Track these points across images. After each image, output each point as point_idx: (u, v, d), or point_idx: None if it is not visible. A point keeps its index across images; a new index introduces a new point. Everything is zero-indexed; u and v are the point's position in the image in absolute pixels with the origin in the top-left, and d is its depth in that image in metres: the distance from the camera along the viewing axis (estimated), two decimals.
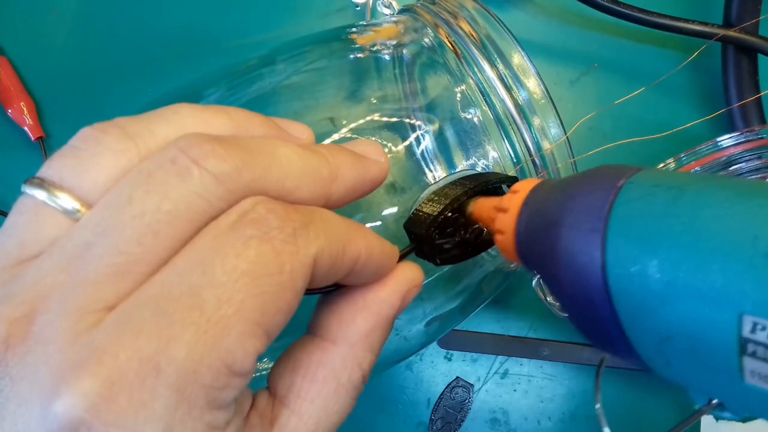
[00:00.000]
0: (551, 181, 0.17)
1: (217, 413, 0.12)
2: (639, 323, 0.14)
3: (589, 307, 0.15)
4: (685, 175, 0.14)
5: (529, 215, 0.17)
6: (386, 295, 0.16)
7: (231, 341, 0.12)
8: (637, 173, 0.15)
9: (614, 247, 0.14)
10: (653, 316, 0.13)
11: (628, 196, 0.14)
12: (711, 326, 0.12)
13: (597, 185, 0.15)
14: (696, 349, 0.13)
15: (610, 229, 0.14)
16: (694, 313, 0.12)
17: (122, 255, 0.12)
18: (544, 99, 0.22)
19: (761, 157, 0.27)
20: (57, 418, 0.11)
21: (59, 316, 0.12)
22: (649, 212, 0.14)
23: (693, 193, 0.13)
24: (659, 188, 0.14)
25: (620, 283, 0.14)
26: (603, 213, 0.14)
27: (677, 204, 0.13)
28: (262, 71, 0.24)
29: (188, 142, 0.13)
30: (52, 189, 0.13)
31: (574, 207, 0.15)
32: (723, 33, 0.31)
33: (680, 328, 0.13)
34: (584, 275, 0.14)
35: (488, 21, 0.24)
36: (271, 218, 0.13)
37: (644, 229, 0.14)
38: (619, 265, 0.14)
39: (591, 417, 0.34)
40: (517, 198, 0.17)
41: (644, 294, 0.13)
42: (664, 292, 0.13)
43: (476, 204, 0.19)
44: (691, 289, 0.12)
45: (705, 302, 0.12)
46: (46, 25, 0.36)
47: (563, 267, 0.15)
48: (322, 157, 0.15)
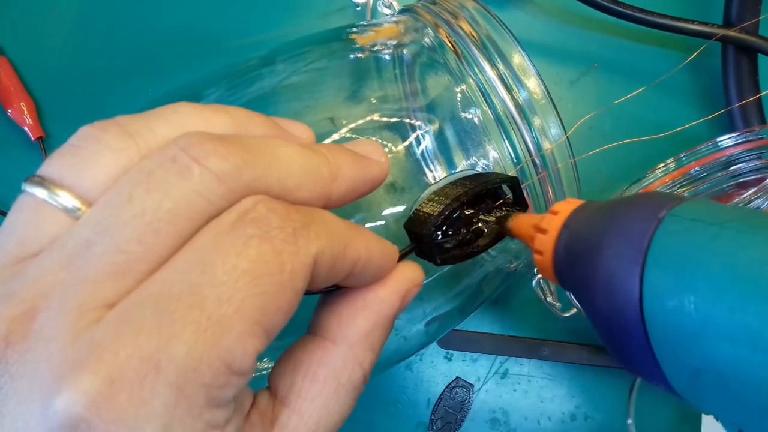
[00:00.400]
0: (592, 204, 0.17)
1: (216, 412, 0.12)
2: (673, 356, 0.14)
3: (624, 336, 0.15)
4: (727, 211, 0.14)
5: (568, 238, 0.17)
6: (386, 294, 0.16)
7: (231, 340, 0.12)
8: (680, 205, 0.15)
9: (652, 280, 0.14)
10: (687, 350, 0.13)
11: (668, 229, 0.14)
12: (744, 367, 0.12)
13: (639, 215, 0.15)
14: (728, 386, 0.13)
15: (649, 261, 0.14)
16: (728, 352, 0.13)
17: (123, 253, 0.12)
18: (545, 99, 0.22)
19: (761, 157, 0.27)
20: (57, 416, 0.11)
21: (59, 313, 0.12)
22: (688, 247, 0.14)
23: (733, 231, 0.13)
24: (699, 223, 0.14)
25: (656, 316, 0.14)
26: (643, 245, 0.14)
27: (716, 242, 0.13)
28: (262, 71, 0.24)
29: (189, 141, 0.13)
30: (52, 187, 0.13)
31: (616, 235, 0.15)
32: (723, 33, 0.31)
33: (713, 365, 0.13)
34: (621, 305, 0.15)
35: (489, 21, 0.24)
36: (271, 217, 0.13)
37: (683, 265, 0.14)
38: (656, 298, 0.14)
39: (591, 417, 0.34)
40: (558, 220, 0.18)
41: (679, 328, 0.14)
42: (699, 328, 0.13)
43: (515, 220, 0.19)
44: (725, 329, 0.13)
45: (739, 343, 0.12)
46: (46, 25, 0.36)
47: (600, 294, 0.15)
48: (323, 157, 0.15)
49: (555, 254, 0.17)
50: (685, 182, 0.29)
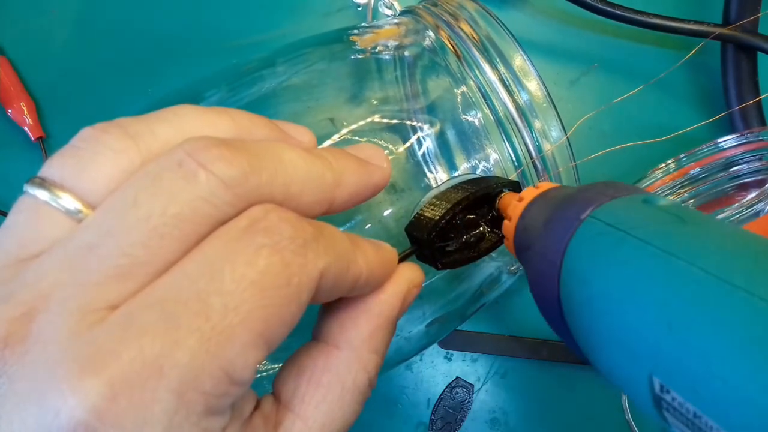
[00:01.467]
0: (551, 192, 0.18)
1: (213, 419, 0.12)
2: (590, 353, 0.15)
3: (553, 324, 0.16)
4: (642, 214, 0.14)
5: (521, 229, 0.18)
6: (387, 296, 0.16)
7: (234, 351, 0.12)
8: (604, 204, 0.15)
9: (565, 283, 0.15)
10: (594, 353, 0.14)
11: (584, 234, 0.15)
12: (631, 378, 0.13)
13: (566, 214, 0.16)
14: (629, 392, 0.13)
15: (564, 265, 0.15)
16: (618, 362, 0.13)
17: (126, 257, 0.12)
18: (545, 101, 0.22)
19: (762, 158, 0.27)
20: (57, 419, 0.11)
21: (59, 315, 0.11)
22: (594, 254, 0.14)
23: (632, 240, 0.14)
24: (611, 228, 0.14)
25: (568, 314, 0.15)
26: (561, 247, 0.15)
27: (617, 250, 0.14)
28: (262, 73, 0.24)
29: (195, 146, 0.13)
30: (53, 189, 0.13)
31: (544, 234, 0.16)
32: (719, 31, 0.31)
33: (613, 372, 0.14)
34: (547, 300, 0.16)
35: (489, 23, 0.24)
36: (283, 227, 0.13)
37: (587, 272, 0.14)
38: (567, 299, 0.15)
39: (591, 417, 0.34)
40: (520, 207, 0.18)
41: (586, 333, 0.14)
42: (599, 335, 0.14)
43: (503, 198, 0.20)
44: (615, 339, 0.13)
45: (626, 355, 0.13)
46: (46, 25, 0.36)
47: (534, 285, 0.16)
48: (327, 162, 0.15)
49: (514, 240, 0.18)
50: (686, 183, 0.29)
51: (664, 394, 0.12)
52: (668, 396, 0.11)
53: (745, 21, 0.31)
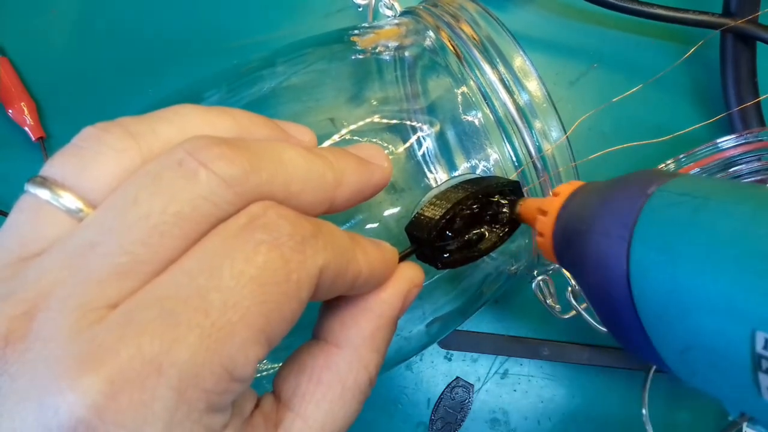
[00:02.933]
0: (590, 185, 0.17)
1: (214, 416, 0.12)
2: (661, 331, 0.14)
3: (616, 314, 0.15)
4: (715, 184, 0.14)
5: (566, 219, 0.17)
6: (387, 296, 0.16)
7: (234, 348, 0.12)
8: (670, 180, 0.15)
9: (638, 256, 0.14)
10: (674, 325, 0.13)
11: (655, 205, 0.14)
12: (726, 340, 0.12)
13: (628, 192, 0.15)
14: (715, 362, 0.13)
15: (635, 237, 0.14)
16: (711, 326, 0.12)
17: (127, 255, 0.12)
18: (546, 102, 0.23)
19: (761, 159, 0.27)
20: (56, 416, 0.11)
21: (60, 313, 0.11)
22: (673, 222, 0.14)
23: (716, 203, 0.13)
24: (685, 197, 0.14)
25: (642, 292, 0.14)
26: (630, 221, 0.14)
27: (699, 214, 0.13)
28: (262, 73, 0.24)
29: (196, 145, 0.13)
30: (54, 188, 0.13)
31: (605, 213, 0.15)
32: (728, 22, 0.30)
33: (699, 339, 0.13)
34: (610, 282, 0.15)
35: (489, 23, 0.24)
36: (282, 224, 0.13)
37: (667, 239, 0.14)
38: (641, 273, 0.14)
39: (591, 417, 0.34)
40: (557, 201, 0.18)
41: (665, 303, 0.13)
42: (683, 302, 0.13)
43: (523, 204, 0.19)
44: (707, 301, 0.12)
45: (721, 316, 0.12)
46: (46, 25, 0.36)
47: (592, 273, 0.15)
48: (327, 162, 0.15)
49: (554, 236, 0.17)
50: None
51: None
52: None
53: (753, 15, 0.31)
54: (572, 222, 0.17)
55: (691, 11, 0.31)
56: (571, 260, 0.17)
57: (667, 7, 0.31)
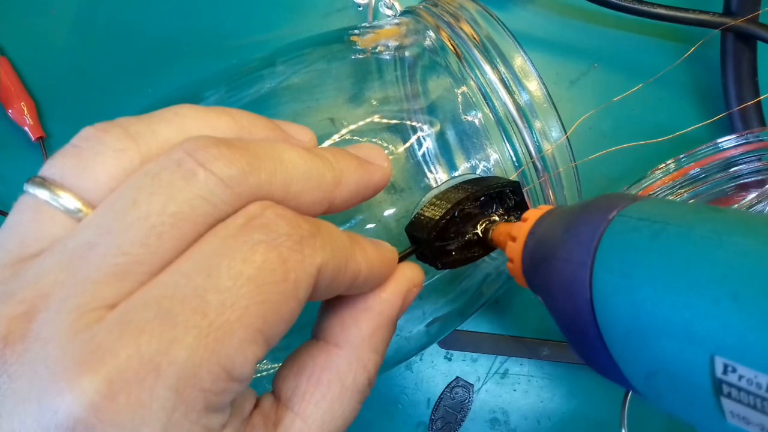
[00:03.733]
0: (557, 210, 0.18)
1: (213, 416, 0.12)
2: (627, 356, 0.14)
3: (583, 338, 0.15)
4: (675, 207, 0.14)
5: (532, 245, 0.17)
6: (387, 295, 0.16)
7: (232, 347, 0.12)
8: (631, 205, 0.15)
9: (600, 281, 0.14)
10: (638, 350, 0.13)
11: (616, 230, 0.14)
12: (687, 365, 0.12)
13: (590, 218, 0.15)
14: (679, 387, 0.13)
15: (597, 263, 0.14)
16: (672, 351, 0.12)
17: (125, 255, 0.12)
18: (546, 102, 0.22)
19: (761, 159, 0.27)
20: (55, 417, 0.11)
21: (58, 314, 0.11)
22: (632, 247, 0.14)
23: (674, 228, 0.13)
24: (644, 222, 0.14)
25: (606, 317, 0.14)
26: (591, 247, 0.15)
27: (657, 239, 0.13)
28: (262, 73, 0.24)
29: (194, 145, 0.13)
30: (53, 188, 0.13)
31: (567, 240, 0.15)
32: (730, 22, 0.30)
33: (662, 364, 0.13)
34: (575, 307, 0.15)
35: (490, 23, 0.24)
36: (280, 224, 0.13)
37: (627, 264, 0.14)
38: (604, 299, 0.14)
39: (590, 417, 0.34)
40: (525, 227, 0.18)
41: (628, 329, 0.13)
42: (645, 328, 0.13)
43: (496, 230, 0.19)
44: (668, 327, 0.12)
45: (680, 341, 0.12)
46: (46, 25, 0.36)
47: (557, 298, 0.15)
48: (327, 162, 0.15)
49: (523, 261, 0.18)
50: (685, 183, 0.29)
51: (728, 375, 0.11)
52: (733, 376, 0.11)
53: (753, 14, 0.31)
54: (538, 248, 0.17)
55: (692, 10, 0.31)
56: (539, 286, 0.17)
57: (668, 7, 0.31)
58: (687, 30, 0.35)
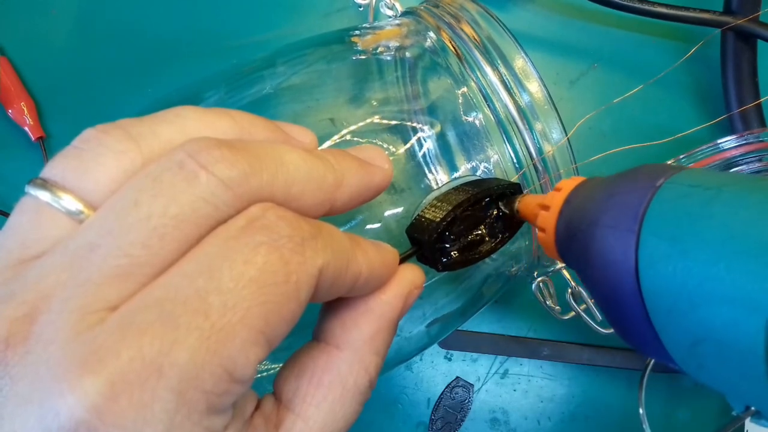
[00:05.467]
0: (594, 180, 0.17)
1: (215, 418, 0.12)
2: (671, 325, 0.14)
3: (623, 308, 0.15)
4: (726, 176, 0.14)
5: (569, 214, 0.17)
6: (388, 297, 0.16)
7: (234, 349, 0.12)
8: (678, 173, 0.15)
9: (648, 248, 0.14)
10: (684, 318, 0.13)
11: (665, 196, 0.14)
12: (740, 331, 0.12)
13: (636, 185, 0.15)
14: (726, 354, 0.12)
15: (645, 228, 0.14)
16: (724, 317, 0.12)
17: (127, 257, 0.12)
18: (546, 103, 0.22)
19: (761, 159, 0.27)
20: (57, 419, 0.11)
21: (60, 315, 0.11)
22: (684, 213, 0.13)
23: (729, 194, 0.13)
24: (697, 189, 0.14)
25: (652, 284, 0.14)
26: (638, 213, 0.14)
27: (712, 205, 0.13)
28: (262, 73, 0.24)
29: (196, 147, 0.13)
30: (55, 190, 0.13)
31: (611, 206, 0.15)
32: (724, 19, 0.30)
33: (710, 332, 0.13)
34: (618, 276, 0.14)
35: (490, 24, 0.24)
36: (281, 225, 0.13)
37: (678, 230, 0.13)
38: (651, 265, 0.14)
39: (590, 417, 0.34)
40: (560, 196, 0.17)
41: (675, 296, 0.13)
42: (694, 294, 0.13)
43: (522, 201, 0.19)
44: (720, 292, 0.12)
45: (734, 306, 0.12)
46: (46, 25, 0.36)
47: (598, 267, 0.15)
48: (328, 164, 0.15)
49: (557, 231, 0.17)
50: None
51: None
52: None
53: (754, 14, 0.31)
54: (577, 216, 0.16)
55: (692, 9, 0.31)
56: (576, 256, 0.17)
57: (668, 6, 0.31)
58: (687, 29, 0.35)
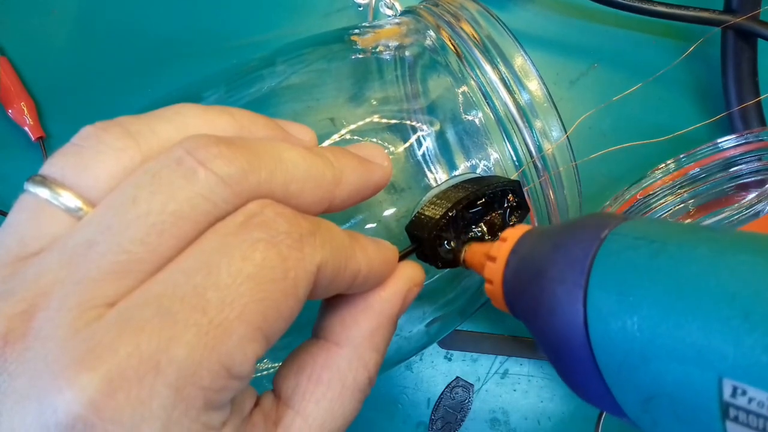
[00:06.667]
0: (539, 229, 0.17)
1: (213, 414, 0.12)
2: (622, 380, 0.14)
3: (573, 362, 0.15)
4: (670, 227, 0.14)
5: (516, 265, 0.17)
6: (388, 294, 0.16)
7: (232, 345, 0.12)
8: (623, 224, 0.15)
9: (596, 302, 0.14)
10: (636, 373, 0.13)
11: (610, 249, 0.14)
12: (692, 388, 0.12)
13: (581, 236, 0.15)
14: (679, 410, 0.12)
15: (592, 283, 0.14)
16: (675, 373, 0.12)
17: (125, 253, 0.12)
18: (546, 101, 0.23)
19: (761, 158, 0.27)
20: (55, 415, 0.11)
21: (59, 312, 0.12)
22: (630, 266, 0.13)
23: (674, 247, 0.13)
24: (642, 241, 0.14)
25: (602, 339, 0.14)
26: (585, 266, 0.14)
27: (658, 259, 0.13)
28: (262, 72, 0.24)
29: (195, 144, 0.13)
30: (54, 187, 0.13)
31: (558, 259, 0.15)
32: (724, 17, 0.30)
33: (663, 388, 0.13)
34: (567, 330, 0.14)
35: (490, 22, 0.24)
36: (279, 222, 0.13)
37: (625, 284, 0.13)
38: (600, 321, 0.14)
39: (590, 417, 0.34)
40: (506, 247, 0.17)
41: (625, 351, 0.13)
42: (644, 350, 0.13)
43: (469, 250, 0.19)
44: (671, 348, 0.12)
45: (685, 363, 0.12)
46: (46, 25, 0.36)
47: (547, 320, 0.15)
48: (327, 161, 0.15)
49: (504, 282, 0.17)
50: (685, 183, 0.29)
51: (736, 398, 0.11)
52: (742, 399, 0.11)
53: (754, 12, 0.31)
54: (523, 268, 0.16)
55: (692, 8, 0.31)
56: (524, 307, 0.16)
57: (668, 4, 0.31)
58: (687, 28, 0.35)
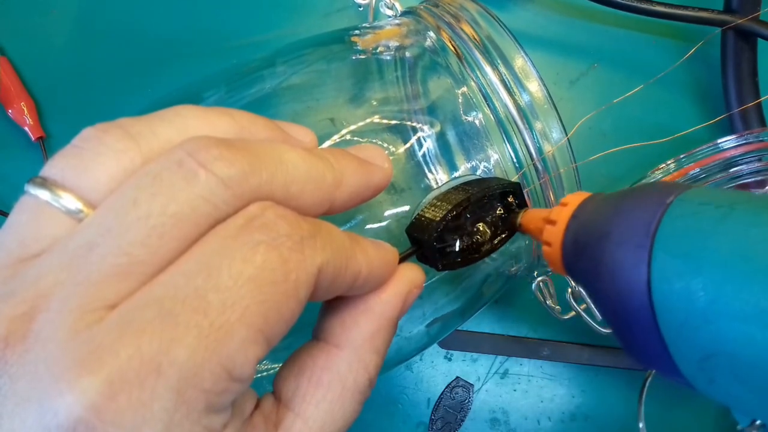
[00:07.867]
0: (601, 195, 0.17)
1: (214, 417, 0.12)
2: (682, 340, 0.14)
3: (633, 322, 0.15)
4: (735, 194, 0.14)
5: (577, 228, 0.17)
6: (388, 296, 0.16)
7: (233, 347, 0.12)
8: (687, 190, 0.15)
9: (660, 264, 0.14)
10: (696, 333, 0.13)
11: (676, 213, 0.14)
12: (753, 346, 0.12)
13: (646, 201, 0.15)
14: (738, 368, 0.13)
15: (657, 245, 0.14)
16: (737, 332, 0.12)
17: (126, 256, 0.12)
18: (546, 102, 0.22)
19: (761, 159, 0.27)
20: (56, 417, 0.11)
21: (59, 314, 0.11)
22: (696, 230, 0.14)
23: (742, 212, 0.13)
24: (708, 206, 0.14)
25: (664, 300, 0.14)
26: (650, 229, 0.14)
27: (725, 222, 0.13)
28: (262, 73, 0.24)
29: (195, 145, 0.13)
30: (54, 189, 0.13)
31: (622, 222, 0.15)
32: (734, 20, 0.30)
33: (723, 346, 0.13)
34: (629, 290, 0.15)
35: (490, 23, 0.24)
36: (280, 224, 0.13)
37: (691, 247, 0.14)
38: (664, 281, 0.14)
39: (590, 417, 0.34)
40: (567, 211, 0.18)
41: (688, 311, 0.13)
42: (707, 310, 0.13)
43: (525, 215, 0.19)
44: (734, 308, 0.12)
45: (748, 322, 0.12)
46: (46, 25, 0.36)
47: (608, 281, 0.15)
48: (327, 163, 0.15)
49: (564, 245, 0.17)
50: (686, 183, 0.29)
51: None
52: None
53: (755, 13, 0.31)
54: (585, 231, 0.17)
55: (693, 8, 0.31)
56: (584, 270, 0.17)
57: (668, 5, 0.31)
58: (687, 28, 0.35)
